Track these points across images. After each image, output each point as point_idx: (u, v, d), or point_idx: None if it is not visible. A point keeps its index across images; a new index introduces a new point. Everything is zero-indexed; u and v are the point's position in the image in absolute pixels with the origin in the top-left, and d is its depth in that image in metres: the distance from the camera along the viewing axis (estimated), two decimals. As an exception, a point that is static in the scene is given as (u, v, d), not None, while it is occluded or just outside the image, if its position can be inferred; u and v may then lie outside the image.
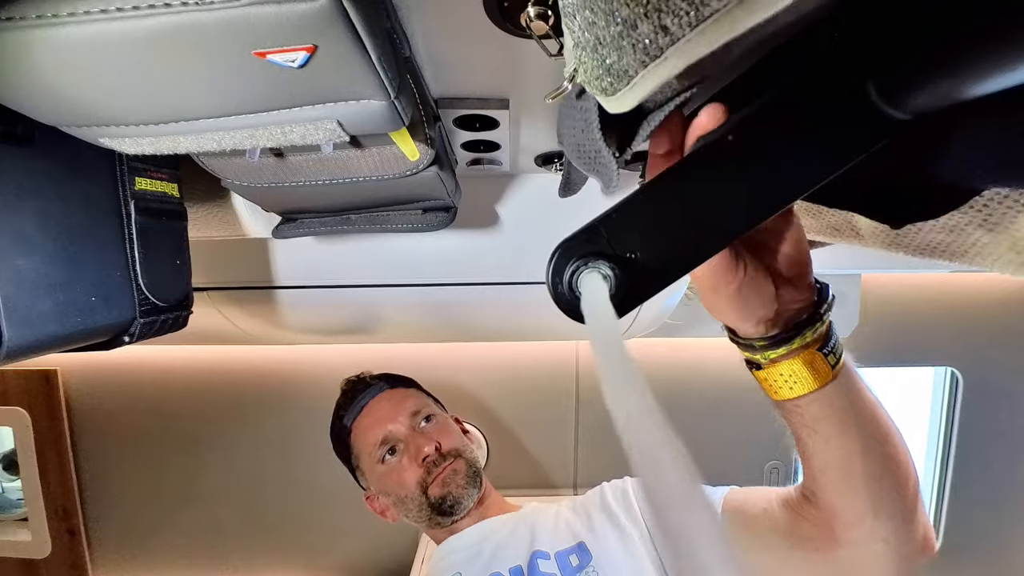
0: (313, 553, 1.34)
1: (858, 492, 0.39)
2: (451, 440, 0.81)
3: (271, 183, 0.45)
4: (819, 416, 0.37)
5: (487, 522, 0.77)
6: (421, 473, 0.77)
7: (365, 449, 0.81)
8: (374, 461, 0.80)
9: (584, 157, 0.31)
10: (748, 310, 0.34)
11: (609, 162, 0.28)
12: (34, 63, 0.26)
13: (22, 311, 0.34)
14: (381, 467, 0.79)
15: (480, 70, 0.41)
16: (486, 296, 0.82)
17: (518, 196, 0.71)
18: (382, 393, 0.86)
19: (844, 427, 0.37)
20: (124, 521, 1.31)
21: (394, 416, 0.81)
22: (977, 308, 1.25)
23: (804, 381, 0.36)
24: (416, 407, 0.83)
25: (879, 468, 0.39)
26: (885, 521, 0.40)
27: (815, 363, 0.35)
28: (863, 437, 0.38)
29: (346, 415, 0.85)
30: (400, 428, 0.80)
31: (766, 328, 0.35)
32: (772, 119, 0.24)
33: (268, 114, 0.31)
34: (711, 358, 1.27)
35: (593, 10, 0.18)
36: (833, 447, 0.38)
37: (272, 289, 0.79)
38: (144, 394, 1.27)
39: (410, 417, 0.81)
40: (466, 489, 0.76)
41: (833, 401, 0.37)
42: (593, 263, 0.25)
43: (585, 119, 0.27)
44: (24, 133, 0.35)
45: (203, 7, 0.23)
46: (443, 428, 0.83)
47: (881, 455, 0.39)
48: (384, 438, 0.79)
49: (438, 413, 0.86)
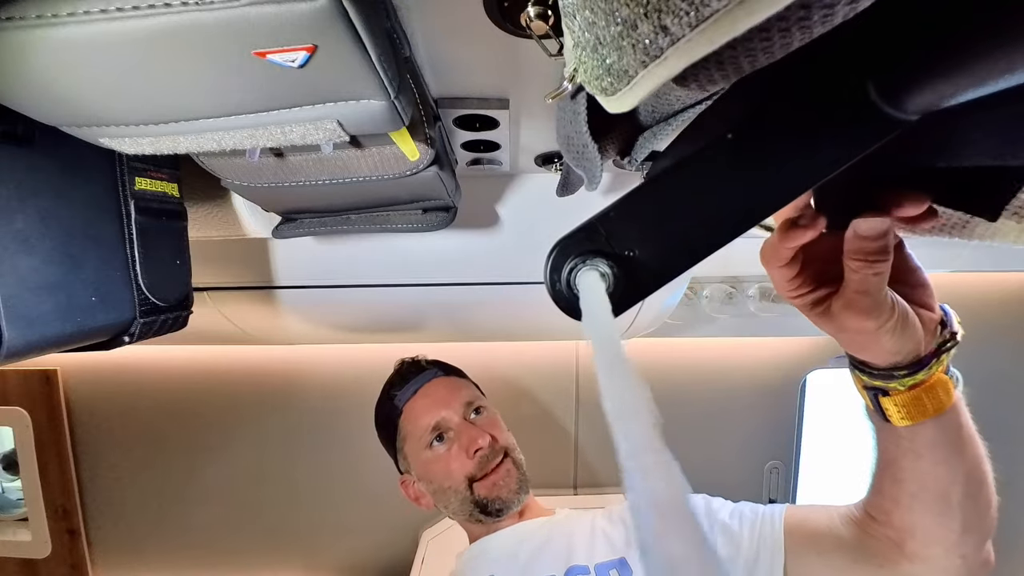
0: (313, 553, 1.34)
1: (953, 514, 0.39)
2: (503, 436, 0.79)
3: (271, 183, 0.45)
4: (935, 441, 0.37)
5: (523, 525, 0.76)
6: (471, 466, 0.74)
7: (414, 432, 0.79)
8: (422, 446, 0.77)
9: (572, 151, 0.31)
10: (904, 342, 0.34)
11: (594, 158, 0.28)
12: (34, 63, 0.26)
13: (22, 311, 0.34)
14: (428, 453, 0.77)
15: (480, 70, 0.41)
16: (486, 296, 0.82)
17: (518, 196, 0.71)
18: (437, 379, 0.83)
19: (954, 450, 0.37)
20: (124, 521, 1.31)
21: (448, 403, 0.79)
22: (977, 308, 1.25)
23: (933, 404, 0.36)
24: (470, 397, 0.81)
25: (975, 489, 0.39)
26: (968, 540, 0.40)
27: (946, 386, 0.36)
28: (967, 459, 0.38)
29: (398, 395, 0.83)
30: (453, 416, 0.78)
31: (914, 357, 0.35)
32: (772, 118, 0.24)
33: (268, 114, 0.31)
34: (711, 358, 1.27)
35: (593, 10, 0.18)
36: (940, 471, 0.38)
37: (272, 289, 0.79)
38: (144, 394, 1.27)
39: (464, 406, 0.79)
40: (517, 494, 0.75)
41: (951, 424, 0.37)
42: (591, 261, 0.25)
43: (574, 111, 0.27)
44: (24, 133, 0.35)
45: (203, 7, 0.23)
46: (494, 422, 0.80)
47: (978, 477, 0.39)
48: (436, 424, 0.77)
49: (489, 407, 0.83)
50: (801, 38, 0.16)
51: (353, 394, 1.29)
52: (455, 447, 0.75)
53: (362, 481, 1.31)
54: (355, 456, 1.30)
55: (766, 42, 0.16)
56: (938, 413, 0.36)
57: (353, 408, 1.29)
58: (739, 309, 1.11)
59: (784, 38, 0.16)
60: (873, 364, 0.37)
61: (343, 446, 1.30)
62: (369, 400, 1.30)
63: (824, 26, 0.15)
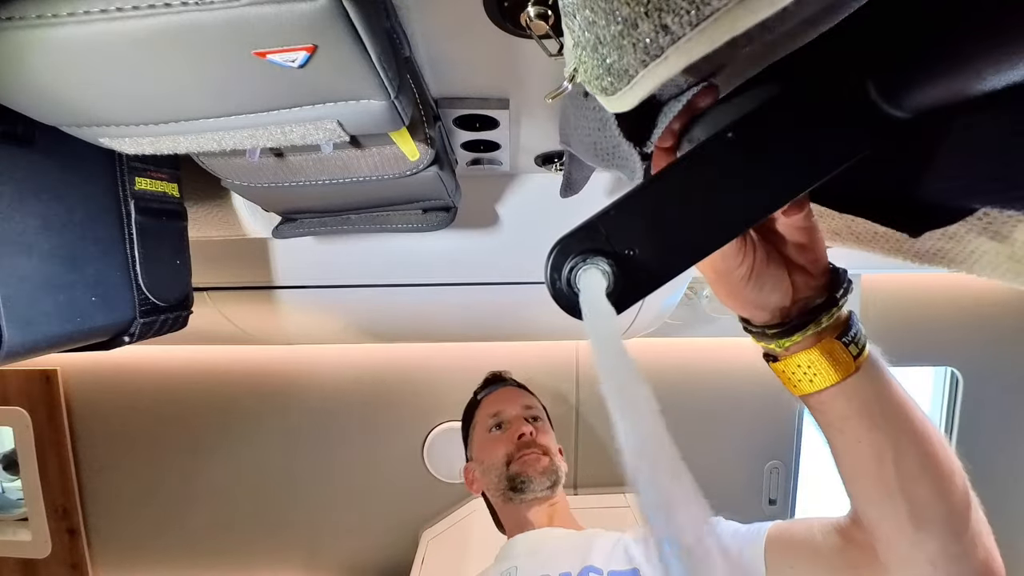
0: (313, 553, 1.34)
1: (893, 497, 0.35)
2: (546, 438, 0.92)
3: (271, 183, 0.45)
4: (845, 413, 0.35)
5: (550, 529, 0.82)
6: (511, 448, 0.87)
7: (481, 419, 0.95)
8: (484, 430, 0.93)
9: (601, 154, 0.31)
10: (762, 297, 0.33)
11: (630, 155, 0.28)
12: (34, 63, 0.26)
13: (22, 311, 0.34)
14: (486, 436, 0.92)
15: (480, 70, 0.41)
16: (486, 296, 0.82)
17: (518, 196, 0.71)
18: (510, 387, 1.02)
19: (872, 423, 0.34)
20: (124, 521, 1.31)
21: (514, 401, 0.96)
22: (977, 308, 1.26)
23: (824, 373, 0.34)
24: (530, 404, 0.97)
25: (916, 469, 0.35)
26: (929, 536, 0.35)
27: (835, 352, 0.33)
28: (895, 434, 0.35)
29: (480, 392, 1.02)
30: (513, 411, 0.94)
31: (782, 317, 0.34)
32: (773, 117, 0.24)
33: (268, 114, 0.31)
34: (711, 358, 1.26)
35: (593, 9, 0.18)
36: (863, 448, 0.35)
37: (272, 289, 0.79)
38: (144, 394, 1.27)
39: (523, 408, 0.95)
40: (540, 477, 0.83)
41: (859, 395, 0.34)
42: (591, 260, 0.25)
43: (600, 118, 0.27)
44: (24, 133, 0.35)
45: (203, 7, 0.23)
46: (544, 430, 0.94)
47: (917, 455, 0.35)
48: (497, 412, 0.94)
49: (545, 421, 0.97)
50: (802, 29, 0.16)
51: (353, 394, 1.29)
52: (506, 434, 0.90)
53: (362, 481, 1.31)
54: (355, 456, 1.30)
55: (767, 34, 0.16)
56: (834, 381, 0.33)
57: (353, 408, 1.29)
58: (739, 309, 1.11)
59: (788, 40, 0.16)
60: (750, 320, 0.36)
61: (343, 446, 1.30)
62: (369, 400, 1.30)
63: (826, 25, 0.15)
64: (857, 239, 0.37)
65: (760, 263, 0.32)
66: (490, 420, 0.93)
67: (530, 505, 0.83)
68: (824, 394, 0.35)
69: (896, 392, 0.36)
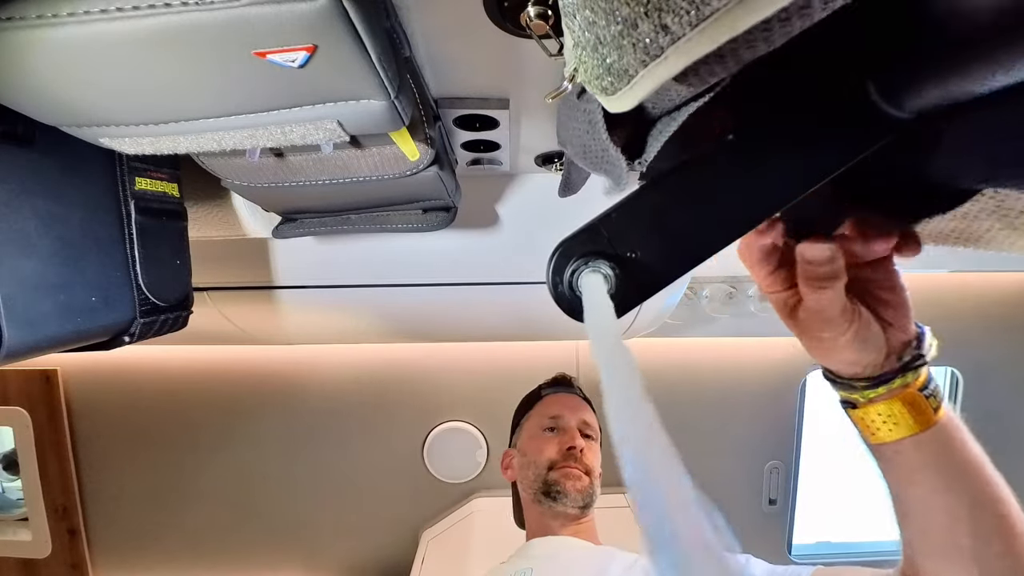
0: (313, 553, 1.34)
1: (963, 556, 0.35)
2: (593, 459, 0.91)
3: (271, 183, 0.45)
4: (921, 464, 0.35)
5: (571, 539, 0.83)
6: (557, 455, 0.86)
7: (540, 415, 0.95)
8: (538, 426, 0.93)
9: (591, 157, 0.31)
10: (862, 356, 0.34)
11: (617, 160, 0.28)
12: (34, 63, 0.26)
13: (22, 311, 0.34)
14: (539, 432, 0.92)
15: (480, 70, 0.41)
16: (486, 296, 0.82)
17: (518, 196, 0.71)
18: (578, 397, 1.00)
19: (949, 478, 0.35)
20: (124, 521, 1.31)
21: (575, 411, 0.95)
22: (977, 308, 1.25)
23: (905, 423, 0.34)
24: (590, 420, 0.96)
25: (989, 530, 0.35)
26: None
27: (917, 403, 0.34)
28: (971, 493, 0.35)
29: (545, 388, 1.01)
30: (572, 421, 0.93)
31: (873, 370, 0.35)
32: (773, 118, 0.24)
33: (268, 114, 0.31)
34: (711, 358, 1.26)
35: (593, 9, 0.18)
36: (937, 502, 0.35)
37: (272, 289, 0.79)
38: (144, 394, 1.27)
39: (582, 422, 0.94)
40: (576, 494, 0.83)
41: (937, 447, 0.35)
42: (593, 262, 0.25)
43: (590, 120, 0.27)
44: (24, 133, 0.35)
45: (203, 7, 0.23)
46: (594, 450, 0.93)
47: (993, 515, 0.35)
48: (557, 415, 0.93)
49: (597, 440, 0.97)
50: (801, 25, 0.16)
51: (353, 394, 1.29)
52: (558, 439, 0.89)
53: (362, 481, 1.31)
54: (355, 456, 1.30)
55: (767, 32, 0.16)
56: (913, 432, 0.34)
57: (353, 408, 1.29)
58: (739, 309, 1.11)
59: (784, 27, 0.16)
60: (837, 372, 0.37)
61: (343, 446, 1.30)
62: (369, 400, 1.30)
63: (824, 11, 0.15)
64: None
65: (863, 327, 0.33)
66: (547, 419, 0.93)
67: (557, 515, 0.83)
68: (902, 443, 0.35)
69: (972, 450, 0.36)
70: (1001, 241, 0.28)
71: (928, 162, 0.26)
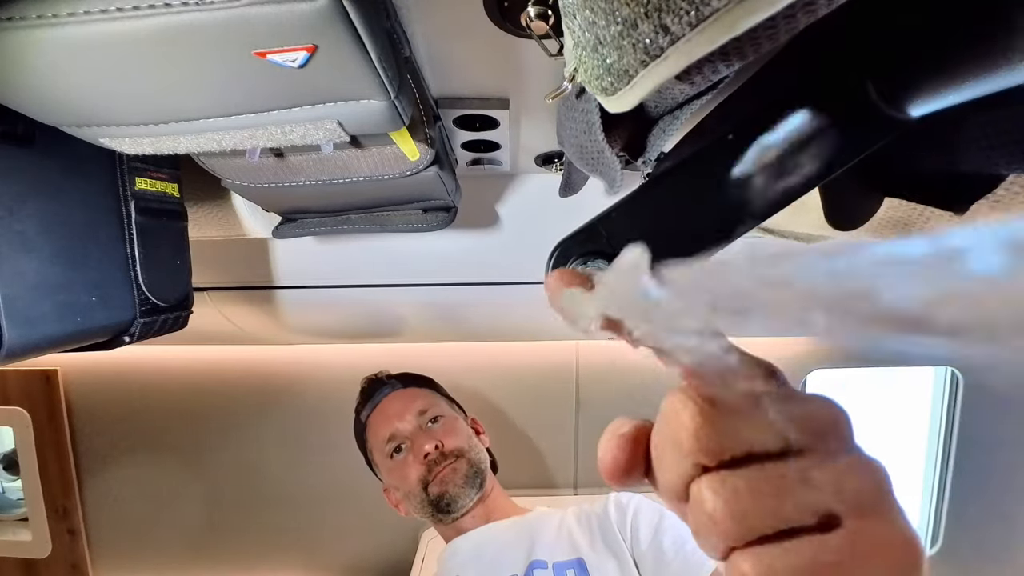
0: (313, 553, 1.34)
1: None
2: (454, 440, 0.82)
3: (271, 183, 0.45)
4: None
5: (490, 526, 0.78)
6: (422, 470, 0.79)
7: (376, 445, 0.85)
8: (384, 456, 0.83)
9: (587, 158, 0.31)
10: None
11: (612, 162, 0.28)
12: (34, 63, 0.26)
13: (22, 311, 0.34)
14: (390, 462, 0.83)
15: (480, 70, 0.41)
16: (486, 296, 0.82)
17: (518, 196, 0.71)
18: (394, 392, 0.89)
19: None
20: (124, 521, 1.31)
21: (402, 415, 0.84)
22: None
23: None
24: (424, 407, 0.85)
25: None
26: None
27: None
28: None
29: (362, 411, 0.91)
30: (407, 426, 0.83)
31: None
32: (773, 119, 0.24)
33: (268, 114, 0.31)
34: (711, 358, 1.26)
35: (593, 10, 0.18)
36: None
37: (272, 289, 0.79)
38: (144, 394, 1.27)
39: (417, 416, 0.84)
40: (463, 488, 0.78)
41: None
42: (592, 262, 0.25)
43: (587, 120, 0.27)
44: (24, 133, 0.35)
45: (203, 7, 0.23)
46: (449, 429, 0.84)
47: None
48: (391, 435, 0.83)
49: (447, 414, 0.88)
50: (806, 21, 0.16)
51: (353, 394, 1.28)
52: (410, 455, 0.81)
53: (362, 481, 1.30)
54: (355, 456, 1.30)
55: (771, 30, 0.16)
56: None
57: (353, 408, 1.29)
58: (739, 309, 1.11)
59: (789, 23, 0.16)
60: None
61: (343, 446, 1.30)
62: (369, 400, 1.30)
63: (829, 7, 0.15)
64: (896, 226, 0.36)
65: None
66: (385, 445, 0.83)
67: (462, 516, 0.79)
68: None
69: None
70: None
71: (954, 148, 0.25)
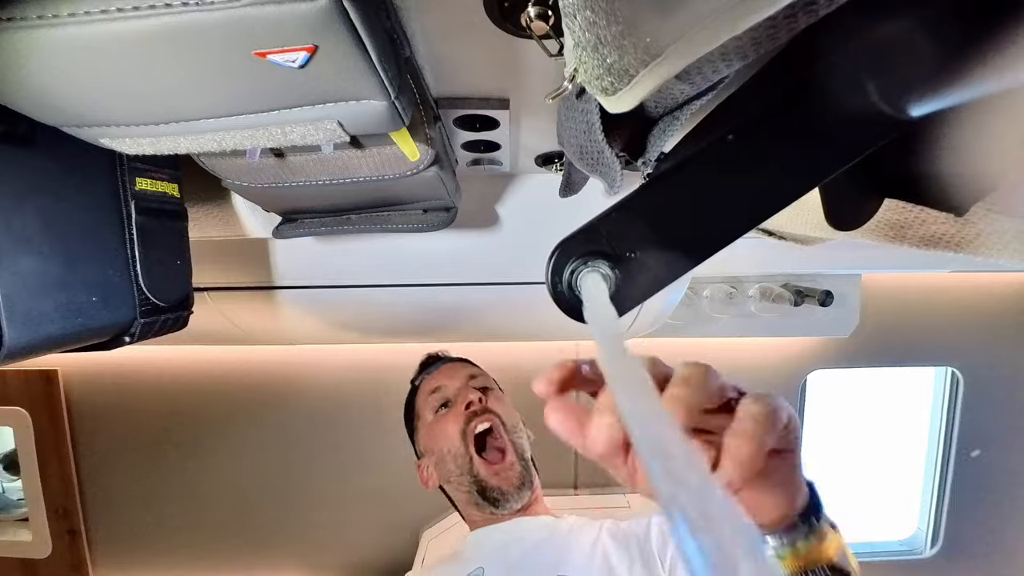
0: (313, 553, 1.34)
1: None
2: (500, 406, 0.82)
3: (271, 183, 0.45)
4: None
5: (524, 521, 0.77)
6: (461, 422, 0.78)
7: (424, 404, 0.85)
8: (429, 413, 0.83)
9: (587, 158, 0.31)
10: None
11: (612, 163, 0.28)
12: (34, 63, 0.26)
13: (22, 311, 0.34)
14: (432, 418, 0.83)
15: (480, 70, 0.41)
16: (486, 296, 0.82)
17: (518, 196, 0.71)
18: (449, 363, 0.92)
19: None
20: (124, 521, 1.31)
21: (452, 376, 0.87)
22: (977, 308, 1.25)
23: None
24: (475, 373, 0.88)
25: None
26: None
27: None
28: None
29: (416, 377, 0.93)
30: (455, 382, 0.85)
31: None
32: (773, 119, 0.24)
33: (268, 114, 0.31)
34: (711, 358, 1.25)
35: (594, 10, 0.18)
36: None
37: (272, 289, 0.79)
38: (144, 394, 1.27)
39: (467, 379, 0.86)
40: (519, 490, 0.76)
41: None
42: (592, 263, 0.25)
43: (587, 121, 0.27)
44: (25, 133, 0.35)
45: (203, 7, 0.23)
46: (497, 397, 0.84)
47: None
48: (438, 387, 0.85)
49: (496, 389, 0.88)
50: (807, 21, 0.16)
51: (353, 394, 1.29)
52: (453, 410, 0.81)
53: (362, 481, 1.31)
54: (355, 456, 1.30)
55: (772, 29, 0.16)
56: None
57: (353, 408, 1.29)
58: (739, 309, 1.11)
59: (790, 23, 0.16)
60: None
61: (343, 446, 1.30)
62: (369, 400, 1.30)
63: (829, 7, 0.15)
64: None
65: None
66: (431, 400, 0.83)
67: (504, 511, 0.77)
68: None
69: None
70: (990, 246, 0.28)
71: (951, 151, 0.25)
